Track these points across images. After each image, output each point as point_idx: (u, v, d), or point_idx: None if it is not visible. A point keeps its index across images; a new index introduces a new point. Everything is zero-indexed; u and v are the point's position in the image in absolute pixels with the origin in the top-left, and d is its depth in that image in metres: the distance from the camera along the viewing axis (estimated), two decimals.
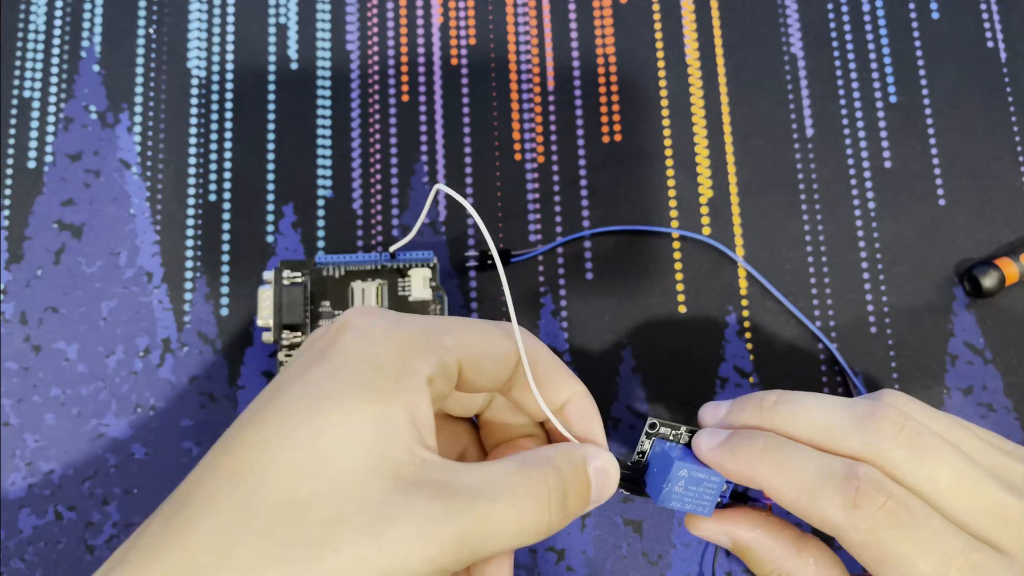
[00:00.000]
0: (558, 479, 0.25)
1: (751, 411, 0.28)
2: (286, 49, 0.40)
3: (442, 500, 0.23)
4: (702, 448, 0.28)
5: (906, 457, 0.26)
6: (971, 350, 0.36)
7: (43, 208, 0.37)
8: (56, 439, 0.35)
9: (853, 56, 0.39)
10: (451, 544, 0.23)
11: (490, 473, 0.24)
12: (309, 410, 0.24)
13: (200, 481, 0.24)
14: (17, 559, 0.34)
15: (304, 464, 0.23)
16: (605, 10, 0.40)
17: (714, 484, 0.28)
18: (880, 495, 0.25)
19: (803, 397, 0.28)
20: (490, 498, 0.23)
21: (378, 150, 0.39)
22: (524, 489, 0.24)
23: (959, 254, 0.37)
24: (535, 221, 0.38)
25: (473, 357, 0.26)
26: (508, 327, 0.27)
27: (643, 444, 0.29)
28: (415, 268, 0.35)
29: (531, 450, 0.26)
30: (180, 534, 0.23)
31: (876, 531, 0.25)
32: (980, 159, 0.38)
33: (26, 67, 0.39)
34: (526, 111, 0.39)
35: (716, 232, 0.38)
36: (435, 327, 0.26)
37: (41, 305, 0.36)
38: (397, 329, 0.25)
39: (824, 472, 0.26)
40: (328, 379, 0.24)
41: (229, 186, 0.38)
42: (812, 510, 0.26)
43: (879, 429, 0.26)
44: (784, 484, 0.26)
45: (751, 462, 0.27)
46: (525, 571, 0.34)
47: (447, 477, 0.24)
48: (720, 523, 0.29)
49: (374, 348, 0.25)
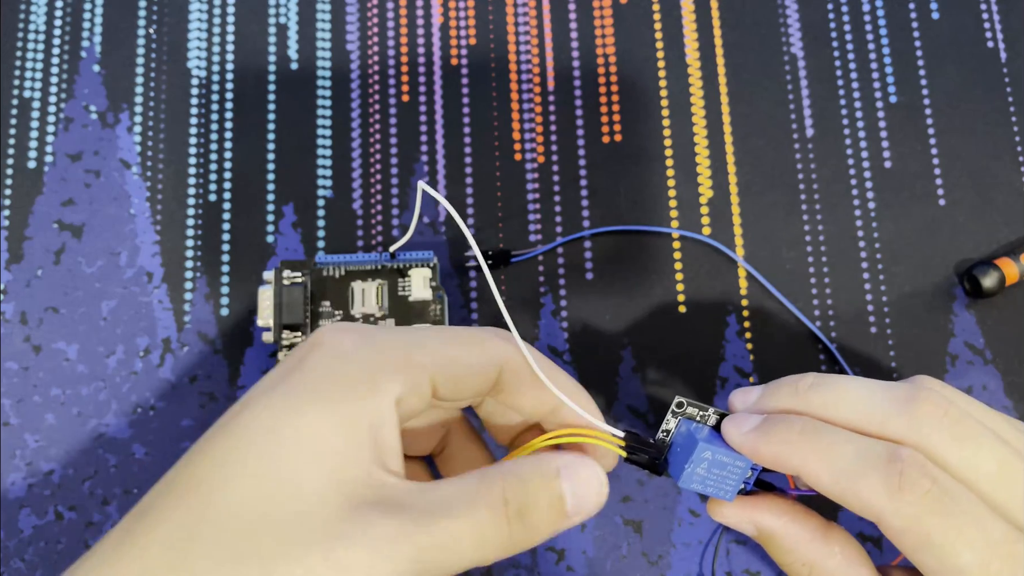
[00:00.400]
0: (518, 490, 0.24)
1: (786, 394, 0.27)
2: (286, 49, 0.40)
3: (398, 519, 0.23)
4: (733, 433, 0.27)
5: (948, 442, 0.25)
6: (971, 350, 0.36)
7: (43, 208, 0.37)
8: (56, 439, 0.35)
9: (853, 56, 0.39)
10: (407, 563, 0.22)
11: (449, 489, 0.24)
12: (271, 426, 0.24)
13: (159, 494, 0.24)
14: (17, 559, 0.34)
15: (260, 480, 0.23)
16: (605, 10, 0.40)
17: (738, 469, 0.27)
18: (925, 479, 0.24)
19: (840, 379, 0.27)
20: (448, 515, 0.23)
21: (378, 150, 0.39)
22: (483, 502, 0.24)
23: (959, 254, 0.37)
24: (535, 221, 0.38)
25: (449, 371, 0.26)
26: (491, 333, 0.27)
27: (668, 423, 0.28)
28: (415, 268, 0.35)
29: (496, 463, 0.26)
30: (134, 546, 0.23)
31: (919, 517, 0.24)
32: (980, 159, 0.38)
33: (26, 67, 0.39)
34: (526, 111, 0.39)
35: (716, 232, 0.38)
36: (409, 342, 0.26)
37: (41, 305, 0.36)
38: (367, 348, 0.25)
39: (866, 455, 0.25)
40: (292, 397, 0.24)
41: (229, 186, 0.38)
42: (852, 494, 0.25)
43: (921, 412, 0.25)
44: (823, 467, 0.25)
45: (788, 445, 0.26)
46: (525, 571, 0.34)
47: (405, 498, 0.23)
48: (744, 509, 0.28)
49: (342, 367, 0.25)
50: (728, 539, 0.35)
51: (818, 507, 0.29)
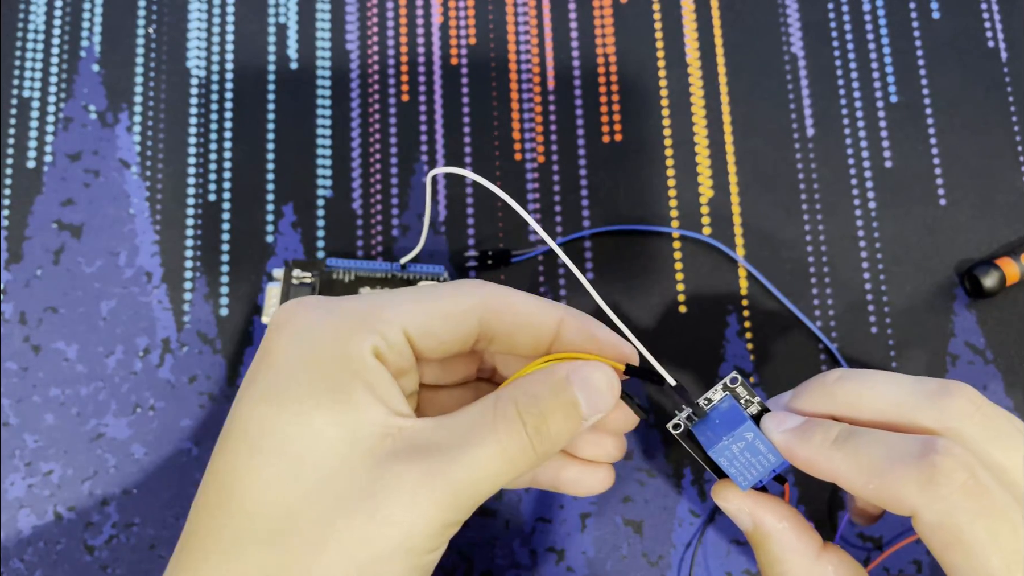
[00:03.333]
0: (532, 406, 0.24)
1: (815, 391, 0.27)
2: (286, 49, 0.40)
3: (426, 460, 0.23)
4: (773, 429, 0.27)
5: (980, 437, 0.24)
6: (972, 350, 0.36)
7: (42, 208, 0.37)
8: (55, 439, 0.35)
9: (854, 56, 0.39)
10: (447, 499, 0.23)
11: (468, 418, 0.24)
12: (269, 421, 0.24)
13: (195, 516, 0.25)
14: (16, 559, 0.34)
15: (281, 474, 0.23)
16: (605, 10, 0.40)
17: (767, 463, 0.27)
18: (960, 471, 0.23)
19: (868, 373, 0.27)
20: (473, 443, 0.24)
21: (378, 150, 0.38)
22: (502, 426, 0.24)
23: (960, 254, 0.37)
24: (536, 211, 0.38)
25: (421, 322, 0.25)
26: (466, 282, 0.27)
27: (715, 393, 0.28)
28: (425, 280, 0.35)
29: (507, 383, 0.26)
30: (187, 569, 0.24)
31: (952, 513, 0.23)
32: (981, 159, 0.38)
33: (26, 67, 0.39)
34: (526, 111, 0.39)
35: (716, 232, 0.38)
36: (373, 304, 0.26)
37: (41, 305, 0.36)
38: (329, 318, 0.25)
39: (897, 450, 0.24)
40: (275, 384, 0.24)
41: (229, 186, 0.38)
42: (885, 491, 0.24)
43: (953, 405, 0.24)
44: (855, 471, 0.25)
45: (824, 450, 0.25)
46: (525, 571, 0.34)
47: (427, 437, 0.24)
48: (749, 501, 0.28)
49: (311, 343, 0.25)
50: (729, 541, 0.34)
51: None
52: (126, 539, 0.34)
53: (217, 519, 0.24)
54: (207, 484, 0.25)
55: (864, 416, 0.26)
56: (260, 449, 0.24)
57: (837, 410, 0.27)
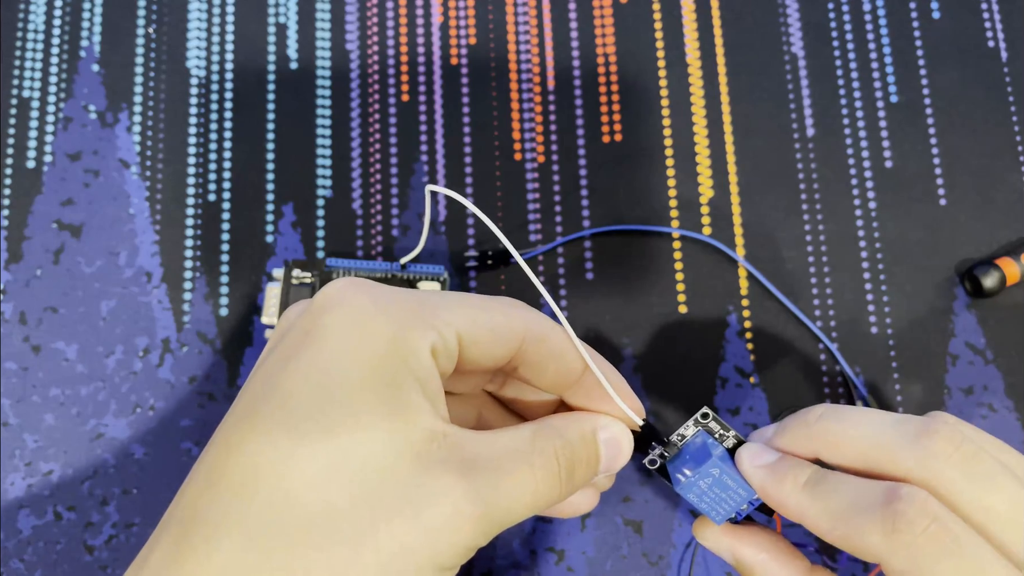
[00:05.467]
0: (567, 450, 0.25)
1: (797, 428, 0.27)
2: (286, 49, 0.39)
3: (468, 477, 0.23)
4: (746, 463, 0.27)
5: (961, 478, 0.24)
6: (972, 350, 0.36)
7: (42, 208, 0.37)
8: (55, 439, 0.35)
9: (854, 55, 0.39)
10: (482, 522, 0.23)
11: (506, 443, 0.24)
12: (317, 406, 0.22)
13: (209, 498, 0.22)
14: (16, 559, 0.34)
15: (325, 466, 0.22)
16: (605, 10, 0.40)
17: (738, 497, 0.27)
18: (923, 518, 0.23)
19: (850, 411, 0.26)
20: (511, 472, 0.23)
21: (378, 150, 0.38)
22: (539, 461, 0.24)
23: (960, 254, 0.37)
24: (535, 221, 0.38)
25: (474, 332, 0.25)
26: (512, 301, 0.26)
27: (687, 428, 0.28)
28: (425, 280, 0.35)
29: (542, 419, 0.26)
30: (195, 555, 0.22)
31: (918, 559, 0.23)
32: (981, 159, 0.38)
33: (25, 66, 0.39)
34: (526, 111, 0.39)
35: (716, 232, 0.38)
36: (429, 302, 0.25)
37: (40, 305, 0.36)
38: (389, 306, 0.24)
39: (863, 497, 0.24)
40: (323, 367, 0.23)
41: (229, 186, 0.38)
42: (851, 538, 0.24)
43: (933, 446, 0.24)
44: (821, 515, 0.25)
45: (793, 493, 0.25)
46: (525, 571, 0.34)
47: (469, 451, 0.23)
48: (728, 537, 0.28)
49: (366, 329, 0.23)
50: None
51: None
52: (126, 539, 0.34)
53: (243, 503, 0.22)
54: (223, 464, 0.23)
55: (844, 457, 0.26)
56: (304, 436, 0.22)
57: (818, 450, 0.26)
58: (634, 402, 0.27)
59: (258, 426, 0.23)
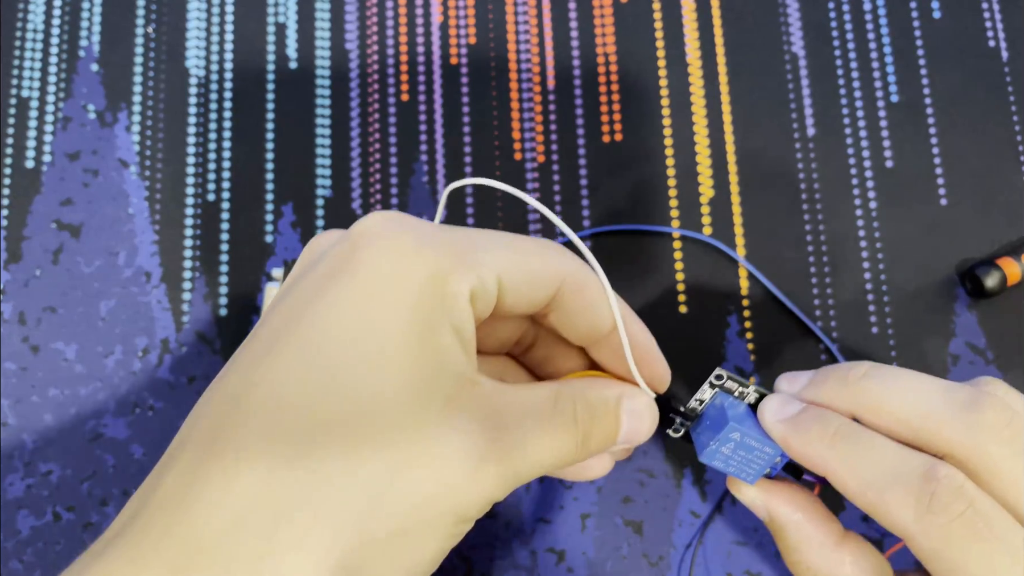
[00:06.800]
0: (587, 415, 0.24)
1: (834, 383, 0.26)
2: (285, 48, 0.39)
3: (494, 431, 0.22)
4: (767, 417, 0.26)
5: (1007, 455, 0.23)
6: (972, 350, 0.36)
7: (41, 208, 0.37)
8: (54, 439, 0.35)
9: (854, 55, 0.39)
10: (501, 476, 0.22)
11: (527, 399, 0.24)
12: (349, 344, 0.21)
13: (233, 420, 0.21)
14: (15, 560, 0.34)
15: (353, 401, 0.21)
16: (605, 9, 0.40)
17: (766, 456, 0.26)
18: (959, 502, 0.22)
19: (898, 373, 0.25)
20: (534, 432, 0.23)
21: (378, 150, 0.38)
22: (560, 422, 0.24)
23: (961, 254, 0.37)
24: (535, 221, 0.38)
25: (514, 276, 0.24)
26: (546, 244, 0.25)
27: (703, 393, 0.27)
28: None
29: (567, 379, 0.25)
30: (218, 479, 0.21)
31: (949, 541, 0.22)
32: (982, 158, 0.38)
33: (24, 66, 0.39)
34: (526, 111, 0.39)
35: (717, 232, 0.38)
36: (470, 241, 0.23)
37: (39, 305, 0.36)
38: (431, 245, 0.23)
39: (900, 468, 0.23)
40: (361, 304, 0.22)
41: (228, 186, 0.38)
42: (879, 508, 0.23)
43: (982, 420, 0.23)
44: (851, 475, 0.24)
45: (819, 446, 0.24)
46: (525, 572, 0.34)
47: (495, 403, 0.23)
48: (762, 493, 0.27)
49: (404, 266, 0.22)
50: (730, 541, 0.34)
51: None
52: None
53: (268, 429, 0.21)
54: (260, 391, 0.22)
55: (885, 422, 0.25)
56: (336, 373, 0.21)
57: (855, 411, 0.25)
58: (661, 367, 0.26)
59: (278, 362, 0.22)
